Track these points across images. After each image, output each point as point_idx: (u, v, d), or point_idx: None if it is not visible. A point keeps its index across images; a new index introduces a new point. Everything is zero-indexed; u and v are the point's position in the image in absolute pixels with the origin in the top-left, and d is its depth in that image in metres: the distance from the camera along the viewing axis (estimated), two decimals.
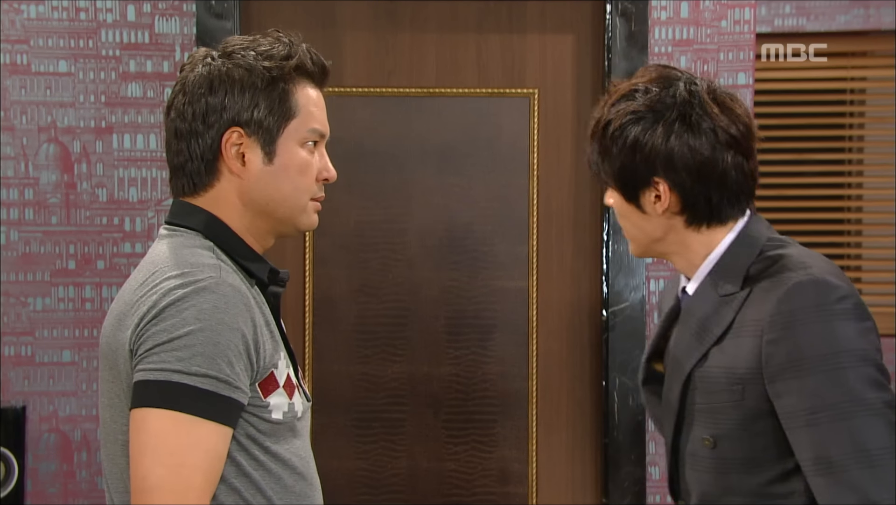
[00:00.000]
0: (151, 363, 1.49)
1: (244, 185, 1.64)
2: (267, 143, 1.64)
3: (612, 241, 3.00)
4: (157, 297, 1.53)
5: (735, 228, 1.82)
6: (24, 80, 2.92)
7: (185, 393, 1.48)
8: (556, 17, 3.07)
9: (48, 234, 2.93)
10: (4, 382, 2.91)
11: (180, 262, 1.56)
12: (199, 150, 1.63)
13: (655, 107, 1.78)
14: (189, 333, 1.49)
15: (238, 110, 1.62)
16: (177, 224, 1.65)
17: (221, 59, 1.64)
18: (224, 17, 2.94)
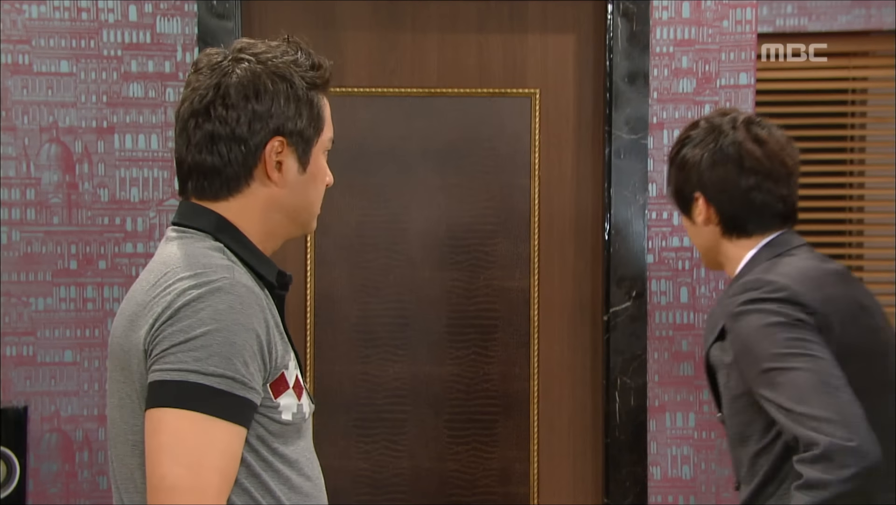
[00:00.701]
0: (168, 363, 1.49)
1: (277, 192, 1.66)
2: (304, 152, 1.68)
3: (613, 241, 3.00)
4: (171, 297, 1.53)
5: (761, 243, 2.18)
6: (25, 80, 2.92)
7: (202, 393, 1.48)
8: (558, 17, 3.06)
9: (50, 235, 2.93)
10: (6, 382, 2.91)
11: (193, 262, 1.57)
12: (241, 156, 1.64)
13: (702, 135, 2.22)
14: (205, 333, 1.50)
15: (283, 120, 1.64)
16: (185, 225, 1.66)
17: (259, 66, 1.65)
18: (226, 17, 2.94)
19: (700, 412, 3.00)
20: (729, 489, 2.99)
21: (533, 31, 3.07)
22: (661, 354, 3.00)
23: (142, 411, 1.55)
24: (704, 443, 3.01)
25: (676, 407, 3.01)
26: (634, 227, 2.99)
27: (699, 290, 3.01)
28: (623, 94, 2.98)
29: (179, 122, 1.67)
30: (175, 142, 1.69)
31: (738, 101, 3.00)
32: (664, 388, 3.00)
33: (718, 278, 3.01)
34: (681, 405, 3.01)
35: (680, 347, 3.01)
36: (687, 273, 3.01)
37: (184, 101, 1.67)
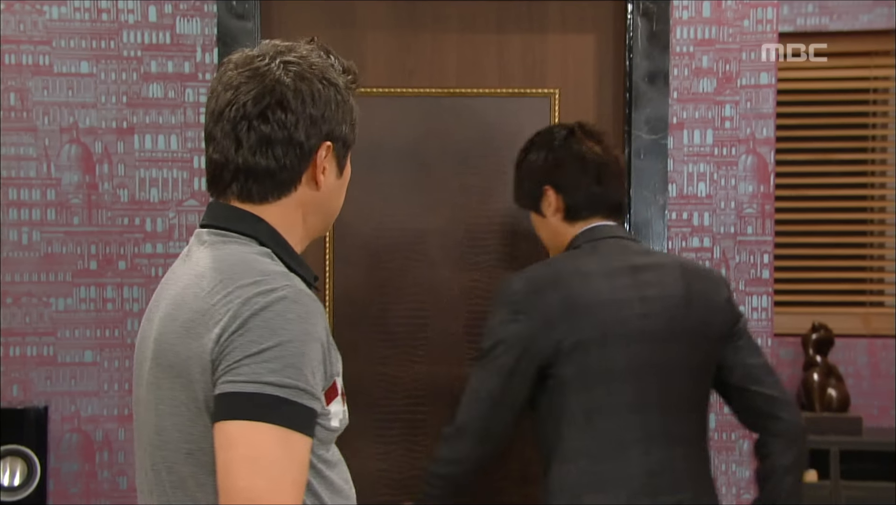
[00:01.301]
0: (242, 375, 1.48)
1: (317, 196, 1.68)
2: (343, 157, 1.71)
3: None
4: (236, 306, 1.52)
5: (585, 227, 2.52)
6: (46, 81, 2.93)
7: (280, 405, 1.48)
8: (577, 16, 3.05)
9: (70, 235, 2.94)
10: (27, 382, 2.93)
11: (249, 269, 1.56)
12: (296, 160, 1.65)
13: (544, 140, 2.60)
14: (279, 344, 1.49)
15: (334, 125, 1.66)
16: (227, 229, 1.65)
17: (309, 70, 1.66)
18: (245, 17, 2.94)
19: (721, 413, 2.98)
20: (750, 491, 2.98)
21: (552, 31, 3.06)
22: None
23: (202, 421, 1.54)
24: (725, 444, 3.00)
25: None
26: (654, 228, 2.98)
27: None
28: (643, 94, 2.97)
29: (224, 122, 1.65)
30: (213, 142, 1.66)
31: (759, 101, 2.99)
32: None
33: (739, 279, 3.00)
34: None
35: None
36: None
37: (228, 102, 1.64)
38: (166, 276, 1.73)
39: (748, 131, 2.98)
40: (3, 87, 2.91)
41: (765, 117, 2.98)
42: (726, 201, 2.99)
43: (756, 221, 2.99)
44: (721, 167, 2.99)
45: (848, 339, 4.67)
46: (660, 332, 2.35)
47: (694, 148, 2.99)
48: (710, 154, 2.99)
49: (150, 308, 1.72)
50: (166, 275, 1.73)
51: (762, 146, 2.99)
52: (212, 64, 2.93)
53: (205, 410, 1.54)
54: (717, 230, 2.99)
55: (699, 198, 2.99)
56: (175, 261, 1.74)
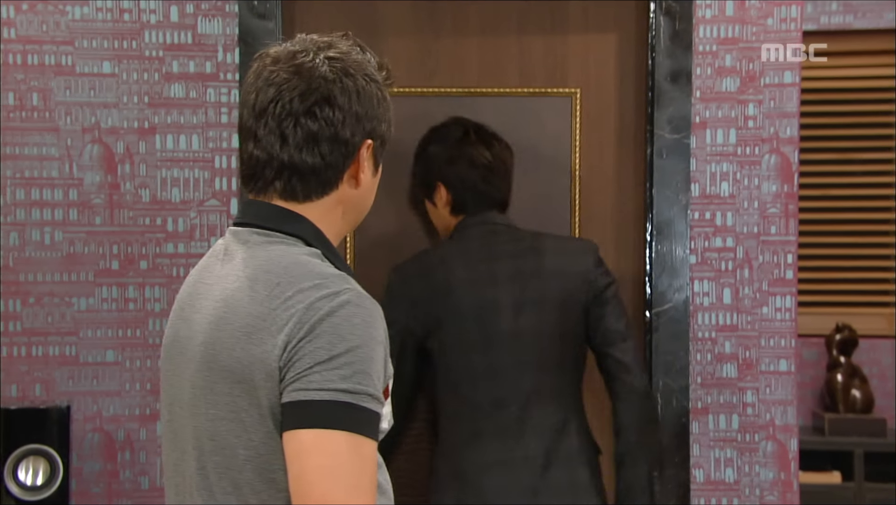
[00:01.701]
0: (313, 382, 1.47)
1: (355, 195, 1.67)
2: (380, 155, 1.69)
3: (655, 241, 2.97)
4: (300, 312, 1.51)
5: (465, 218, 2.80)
6: (68, 81, 2.93)
7: (352, 412, 1.47)
8: (599, 16, 3.04)
9: (92, 235, 2.94)
10: (49, 382, 2.93)
11: (306, 272, 1.55)
12: (341, 158, 1.63)
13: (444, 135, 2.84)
14: (348, 350, 1.48)
15: (376, 123, 1.65)
16: (271, 229, 1.63)
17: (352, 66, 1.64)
18: (266, 17, 2.93)
19: (744, 414, 2.97)
20: (774, 493, 2.96)
21: (574, 30, 3.05)
22: (703, 355, 2.97)
23: (265, 427, 1.52)
24: (748, 445, 2.98)
25: (719, 409, 2.98)
26: (677, 228, 2.96)
27: (742, 290, 2.98)
28: (665, 94, 2.95)
29: (269, 119, 1.62)
30: (254, 139, 1.63)
31: (783, 101, 2.96)
32: (707, 389, 2.97)
33: (762, 279, 2.98)
34: (724, 407, 2.98)
35: (723, 349, 2.98)
36: (730, 274, 2.98)
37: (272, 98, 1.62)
38: (200, 274, 1.69)
39: (772, 130, 2.96)
40: (25, 88, 2.92)
41: (788, 116, 2.96)
42: (749, 201, 2.97)
43: (780, 221, 2.97)
44: (744, 167, 2.97)
45: (872, 339, 4.64)
46: (512, 304, 2.65)
47: (717, 147, 2.97)
48: (734, 153, 2.97)
49: (182, 307, 1.68)
50: (199, 273, 1.69)
51: (786, 146, 2.97)
52: (233, 64, 2.93)
53: (269, 417, 1.52)
54: (740, 230, 2.97)
55: (722, 197, 2.97)
56: (204, 259, 1.70)
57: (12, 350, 2.92)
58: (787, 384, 2.96)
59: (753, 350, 2.97)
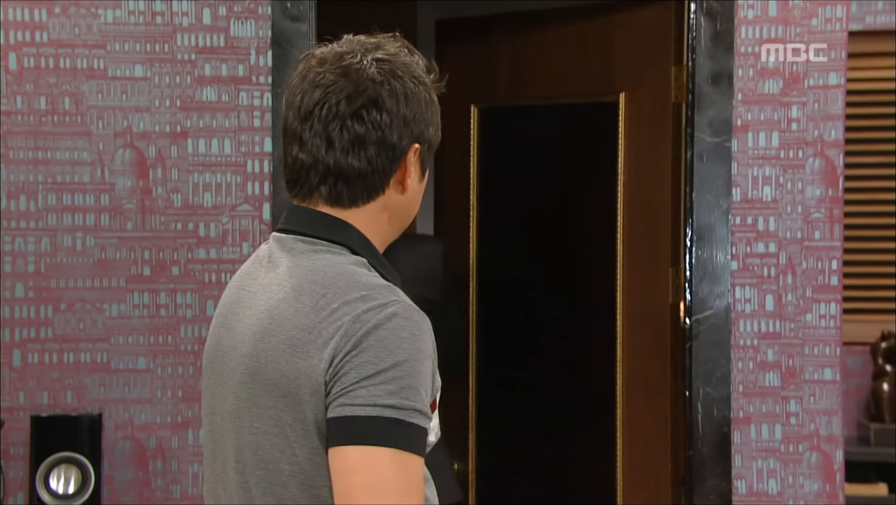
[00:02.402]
0: (359, 398, 1.44)
1: (401, 200, 1.62)
2: (426, 160, 1.64)
3: (695, 246, 2.93)
4: (346, 324, 1.47)
5: None
6: (100, 85, 2.91)
7: (400, 429, 1.44)
8: (640, 18, 3.01)
9: (123, 240, 2.92)
10: (81, 389, 2.91)
11: (352, 282, 1.51)
12: (387, 162, 1.58)
13: None
14: (396, 364, 1.45)
15: (423, 126, 1.60)
16: (317, 237, 1.59)
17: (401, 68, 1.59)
18: (300, 19, 2.90)
19: (787, 424, 2.93)
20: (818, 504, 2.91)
21: (616, 32, 3.02)
22: (745, 363, 2.92)
23: (310, 443, 1.49)
24: (791, 456, 2.93)
25: (762, 418, 2.93)
26: (718, 233, 2.92)
27: (785, 297, 2.93)
28: (706, 96, 2.91)
29: (314, 121, 1.58)
30: (299, 142, 1.59)
31: (828, 103, 2.91)
32: (749, 398, 2.93)
33: (806, 286, 2.93)
34: (766, 417, 2.93)
35: (766, 357, 2.93)
36: (773, 280, 2.93)
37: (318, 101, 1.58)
38: (243, 281, 1.65)
39: (816, 133, 2.91)
40: (58, 92, 2.91)
41: (833, 119, 2.90)
42: (793, 206, 2.93)
43: (824, 226, 2.91)
44: (787, 170, 2.92)
45: None
46: None
47: (759, 151, 2.92)
48: (776, 157, 2.92)
49: (224, 314, 1.65)
50: (242, 280, 1.66)
51: (830, 149, 2.91)
52: (266, 67, 2.90)
53: (314, 432, 1.49)
54: (782, 235, 2.93)
55: (764, 202, 2.93)
56: (248, 265, 1.67)
57: (43, 357, 2.90)
58: (831, 393, 2.91)
59: (797, 358, 2.92)
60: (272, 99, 2.87)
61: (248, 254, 2.87)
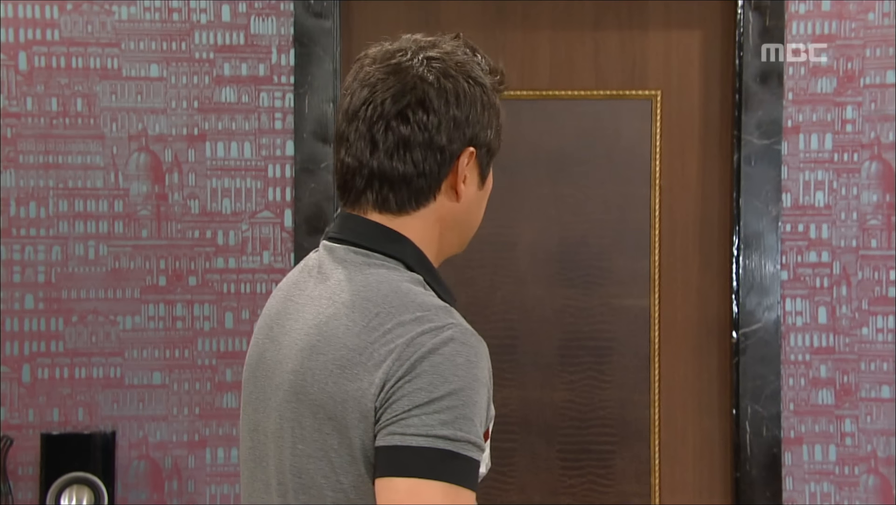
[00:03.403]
0: (411, 427, 1.38)
1: (456, 209, 1.55)
2: (486, 166, 1.57)
3: (742, 255, 2.83)
4: (400, 347, 1.41)
5: None
6: (114, 86, 2.83)
7: (452, 461, 1.38)
8: (682, 11, 2.90)
9: (138, 249, 2.83)
10: (93, 406, 2.83)
11: (407, 302, 1.45)
12: (436, 166, 1.51)
13: None
14: (450, 393, 1.39)
15: (478, 129, 1.53)
16: (371, 249, 1.52)
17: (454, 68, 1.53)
18: (324, 16, 2.82)
19: (842, 445, 2.82)
20: None
21: (654, 27, 2.91)
22: (796, 380, 2.83)
23: (356, 470, 1.44)
24: (847, 479, 2.82)
25: (815, 439, 2.83)
26: (766, 241, 2.83)
27: (840, 310, 2.82)
28: (754, 95, 2.81)
29: (359, 122, 1.52)
30: (346, 144, 1.53)
31: (885, 102, 2.80)
32: (801, 417, 2.82)
33: (862, 297, 2.82)
34: (820, 437, 2.83)
35: (818, 373, 2.83)
36: (826, 291, 2.83)
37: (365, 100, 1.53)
38: (290, 291, 1.58)
39: (872, 135, 2.81)
40: (69, 93, 2.83)
41: (891, 119, 2.80)
42: (847, 212, 2.82)
43: (881, 234, 2.81)
44: (841, 175, 2.82)
45: None
46: None
47: (811, 154, 2.83)
48: (829, 160, 2.83)
49: (270, 325, 1.58)
50: (289, 290, 1.58)
51: (888, 151, 2.81)
52: (288, 66, 2.82)
53: (361, 460, 1.43)
54: (836, 244, 2.82)
55: (817, 208, 2.83)
56: (295, 274, 1.59)
57: (54, 372, 2.82)
58: (889, 412, 2.81)
59: (852, 375, 2.82)
60: (294, 100, 2.80)
61: (268, 263, 2.81)
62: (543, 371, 2.92)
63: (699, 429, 2.91)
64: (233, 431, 2.79)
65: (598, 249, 2.93)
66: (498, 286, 2.93)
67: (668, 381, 2.91)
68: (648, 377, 2.92)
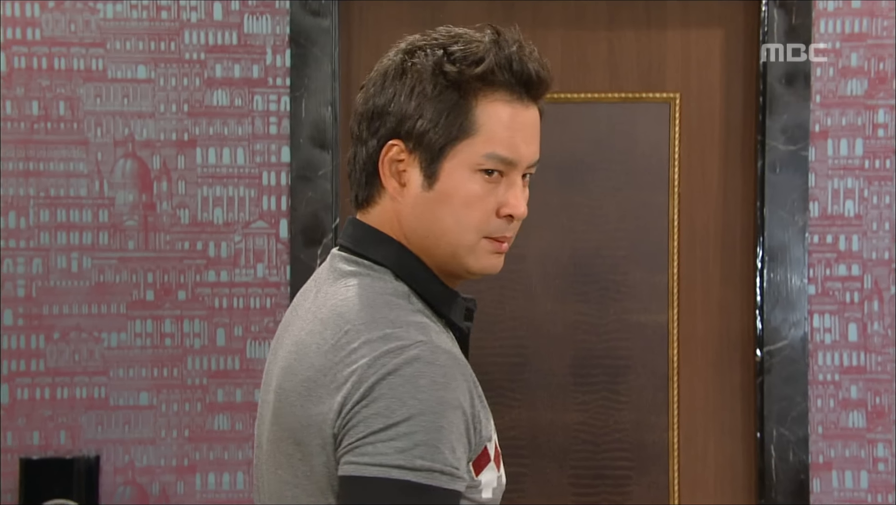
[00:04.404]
0: (366, 455, 1.34)
1: (402, 209, 1.49)
2: (427, 163, 1.46)
3: (767, 268, 2.79)
4: (360, 369, 1.36)
5: None
6: (98, 88, 2.79)
7: (408, 491, 1.33)
8: (702, 9, 2.87)
9: (124, 261, 2.79)
10: (76, 429, 2.78)
11: (377, 317, 1.40)
12: (362, 158, 1.50)
13: None
14: (409, 417, 1.33)
15: (401, 119, 1.46)
16: (361, 255, 1.50)
17: (401, 54, 1.49)
18: (321, 14, 2.79)
19: (874, 471, 2.76)
20: None
21: (672, 25, 2.88)
22: (825, 401, 2.78)
23: (323, 498, 1.40)
24: None
25: (845, 464, 2.78)
26: (793, 253, 2.79)
27: (871, 326, 2.77)
28: (780, 98, 2.77)
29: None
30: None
31: None
32: (830, 441, 2.78)
33: (895, 313, 2.77)
34: (850, 462, 2.78)
35: (848, 394, 2.78)
36: (856, 307, 2.77)
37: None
38: (297, 301, 1.57)
39: None
40: (51, 95, 2.79)
41: None
42: (879, 222, 2.78)
43: None
44: (873, 182, 2.78)
45: None
46: None
47: (840, 160, 2.79)
48: (860, 167, 2.79)
49: (276, 336, 1.58)
50: (297, 300, 1.57)
51: None
52: (283, 67, 2.78)
53: (328, 490, 1.40)
54: (867, 256, 2.78)
55: (846, 218, 2.79)
56: (308, 282, 1.58)
57: (34, 392, 2.78)
58: None
59: (885, 396, 2.77)
60: (290, 103, 2.76)
61: (262, 277, 2.79)
62: (555, 391, 2.88)
63: (721, 453, 2.87)
64: (224, 456, 2.74)
65: (613, 261, 2.90)
66: (506, 301, 2.90)
67: (687, 402, 2.87)
68: (666, 398, 2.87)
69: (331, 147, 2.72)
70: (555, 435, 2.86)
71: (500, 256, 1.48)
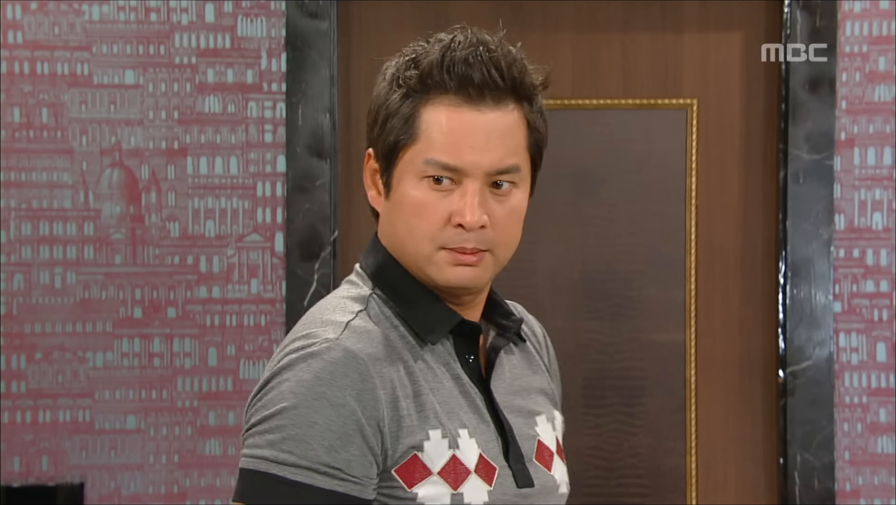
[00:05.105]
0: (245, 446, 1.40)
1: (381, 218, 1.54)
2: (383, 171, 1.50)
3: (790, 284, 2.78)
4: (269, 368, 1.45)
5: None
6: (84, 94, 2.79)
7: (274, 485, 1.35)
8: (721, 11, 2.87)
9: (110, 277, 2.78)
10: (59, 454, 2.76)
11: (315, 319, 1.45)
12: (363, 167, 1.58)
13: None
14: (282, 411, 1.37)
15: (369, 127, 1.52)
16: (360, 263, 1.55)
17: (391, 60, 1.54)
18: (319, 16, 2.78)
19: None
20: None
21: (690, 28, 2.87)
22: (852, 425, 2.76)
23: None
24: None
25: (873, 492, 2.76)
26: (817, 268, 2.77)
27: None
28: (803, 105, 2.76)
29: None
30: None
31: None
32: (857, 468, 2.75)
33: None
34: (879, 490, 2.76)
35: (877, 418, 2.75)
36: (885, 325, 2.75)
37: None
38: None
39: None
40: (34, 102, 2.77)
41: None
42: None
43: None
44: None
45: None
46: None
47: (867, 170, 2.77)
48: (888, 177, 2.77)
49: None
50: None
51: None
52: (279, 72, 2.77)
53: None
54: None
55: (874, 231, 2.77)
56: None
57: (15, 415, 2.76)
58: None
59: None
60: (286, 110, 2.76)
61: (256, 293, 2.78)
62: (566, 414, 2.73)
63: (742, 480, 2.86)
64: (216, 483, 2.71)
65: (627, 277, 2.89)
66: None
67: (706, 425, 2.84)
68: (684, 421, 2.86)
69: (329, 156, 2.69)
70: (567, 460, 2.79)
71: (466, 269, 1.44)
